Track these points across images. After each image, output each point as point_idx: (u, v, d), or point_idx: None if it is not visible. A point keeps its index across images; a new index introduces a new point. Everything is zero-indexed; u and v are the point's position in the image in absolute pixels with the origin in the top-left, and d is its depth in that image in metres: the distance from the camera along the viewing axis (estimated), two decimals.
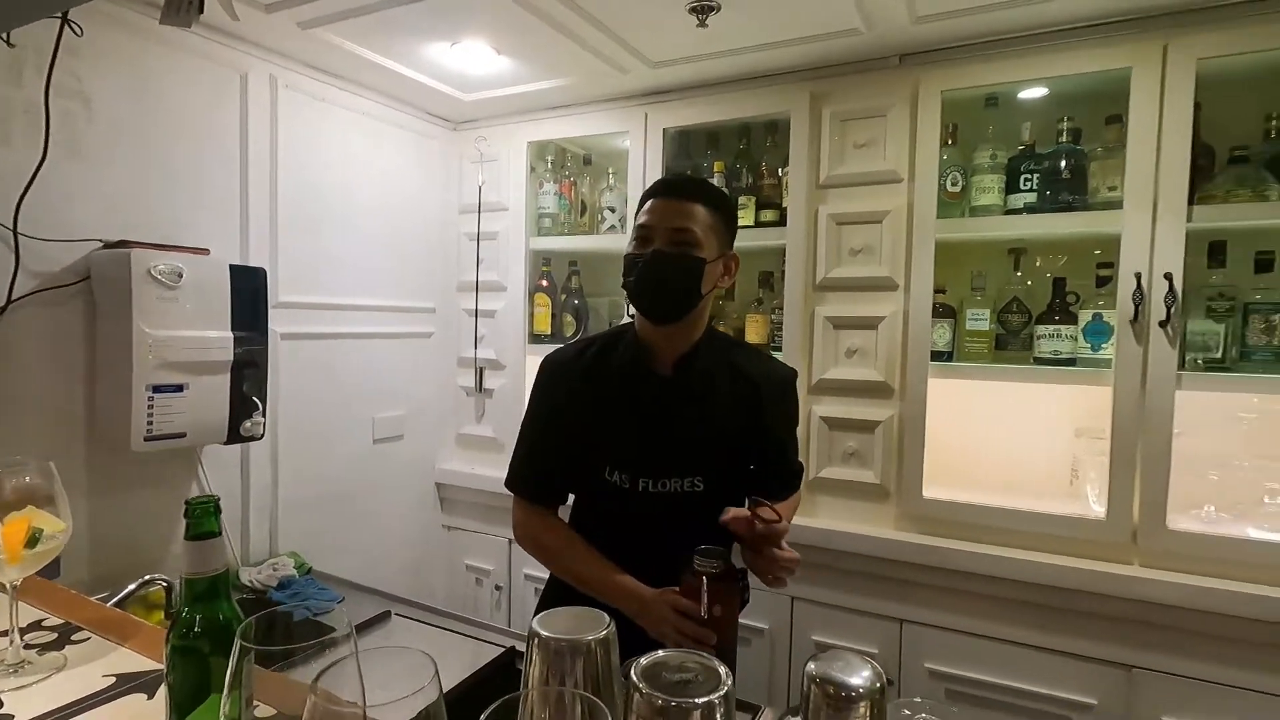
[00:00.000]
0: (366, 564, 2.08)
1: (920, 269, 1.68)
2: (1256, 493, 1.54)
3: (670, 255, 1.11)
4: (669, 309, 1.15)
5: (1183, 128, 1.43)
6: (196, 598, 0.62)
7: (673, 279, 1.12)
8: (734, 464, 1.23)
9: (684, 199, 1.13)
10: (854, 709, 0.49)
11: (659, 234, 1.12)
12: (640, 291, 1.14)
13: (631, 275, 1.14)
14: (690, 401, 1.19)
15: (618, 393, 1.20)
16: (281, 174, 1.79)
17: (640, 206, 1.17)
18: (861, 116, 1.75)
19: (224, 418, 1.50)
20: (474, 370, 2.32)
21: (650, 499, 1.18)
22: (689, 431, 1.18)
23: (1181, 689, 1.45)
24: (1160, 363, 1.47)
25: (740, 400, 1.21)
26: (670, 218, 1.12)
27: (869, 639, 1.74)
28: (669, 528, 1.18)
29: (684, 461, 1.18)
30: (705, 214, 1.13)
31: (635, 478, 1.18)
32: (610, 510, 1.22)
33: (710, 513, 1.16)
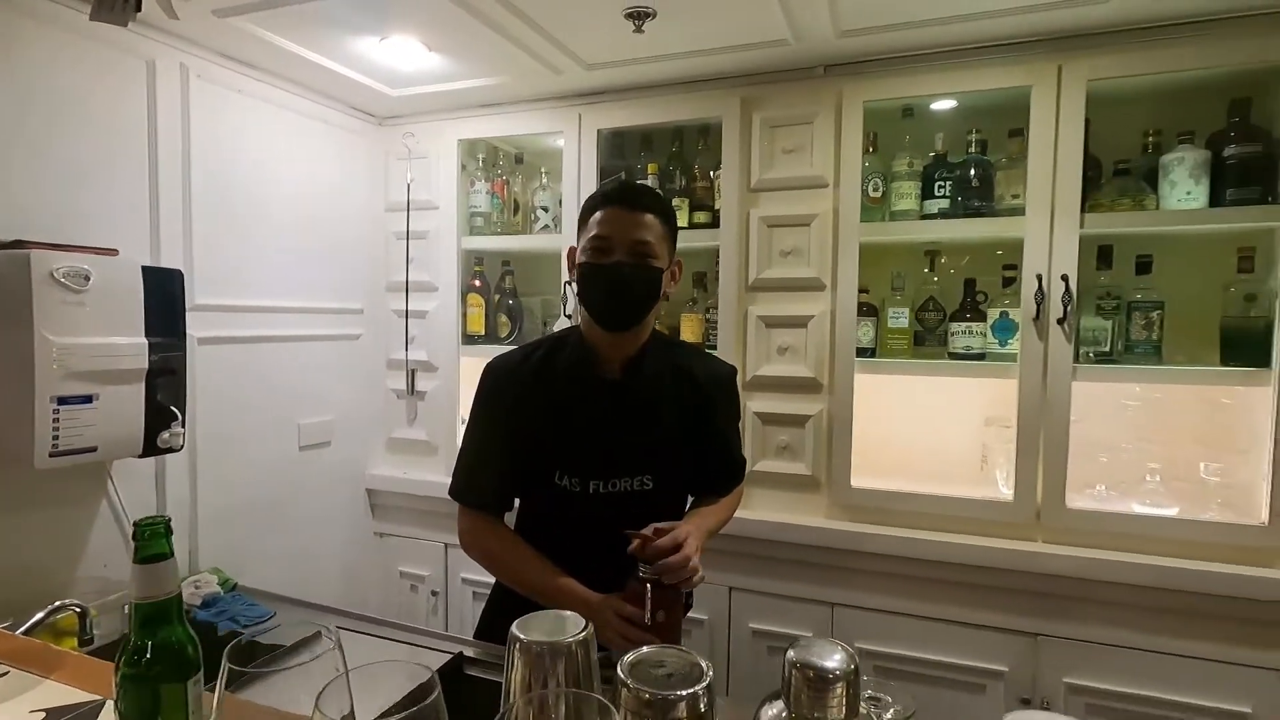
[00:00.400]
0: (295, 575, 2.00)
1: (846, 270, 1.77)
2: (1139, 472, 1.71)
3: (631, 267, 1.14)
4: (627, 318, 1.18)
5: (1075, 142, 1.57)
6: (147, 623, 0.59)
7: (634, 290, 1.15)
8: (681, 462, 1.27)
9: (640, 210, 1.15)
10: (831, 690, 0.53)
11: (618, 245, 1.14)
12: (600, 301, 1.16)
13: (591, 285, 1.16)
14: (639, 404, 1.22)
15: (566, 397, 1.21)
16: (195, 170, 1.69)
17: (591, 212, 1.18)
18: (790, 123, 1.82)
19: (139, 429, 1.41)
20: (405, 372, 2.27)
21: (601, 500, 1.20)
22: (638, 433, 1.21)
23: (1081, 652, 1.60)
24: (1059, 357, 1.61)
25: (686, 400, 1.25)
26: (630, 230, 1.14)
27: (803, 623, 1.82)
28: (620, 527, 1.19)
29: (633, 462, 1.21)
30: (658, 225, 1.17)
31: (586, 480, 1.20)
32: (560, 514, 1.23)
33: (659, 510, 1.20)
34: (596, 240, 1.15)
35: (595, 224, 1.16)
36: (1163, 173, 1.60)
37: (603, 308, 1.17)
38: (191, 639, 0.61)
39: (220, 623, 1.47)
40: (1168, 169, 1.58)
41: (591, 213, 1.17)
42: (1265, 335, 1.52)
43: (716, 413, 1.30)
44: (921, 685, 1.72)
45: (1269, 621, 1.48)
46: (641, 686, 0.46)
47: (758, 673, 1.86)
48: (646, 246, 1.14)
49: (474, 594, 2.19)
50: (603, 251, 1.14)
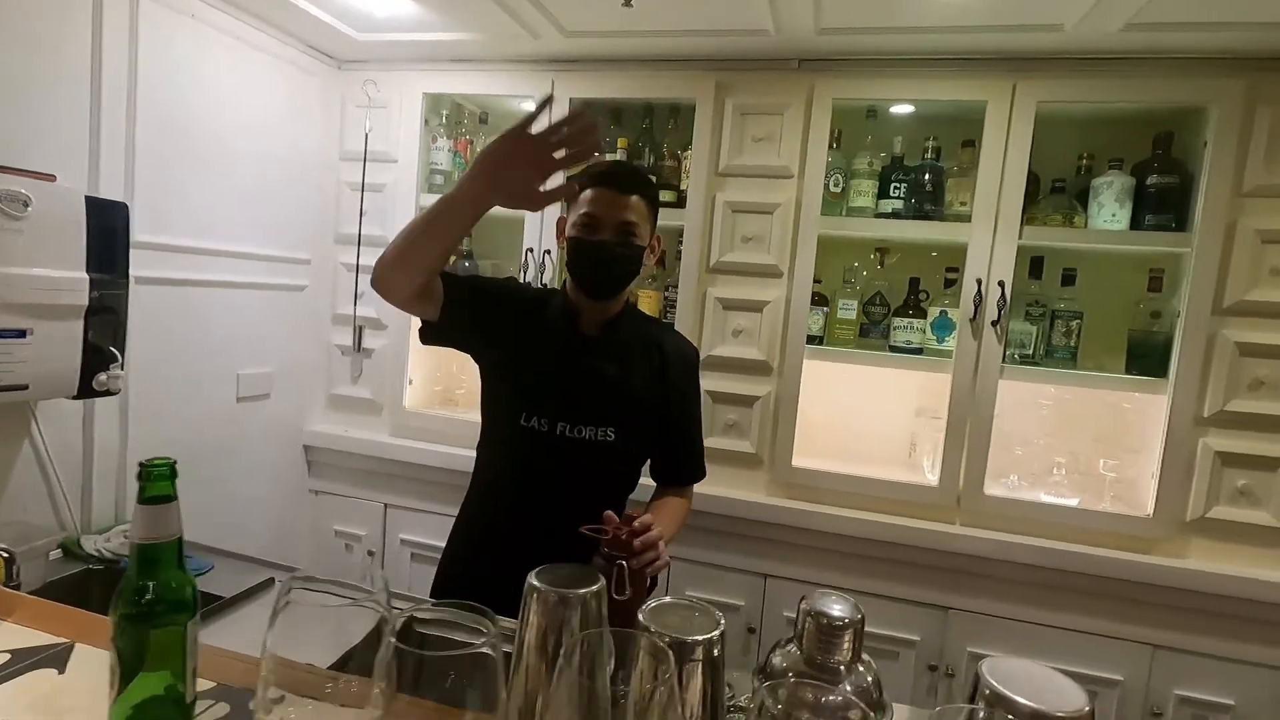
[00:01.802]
0: (226, 529, 1.93)
1: (803, 260, 1.84)
2: (1048, 465, 1.89)
3: (616, 245, 1.23)
4: (609, 289, 1.28)
5: (1022, 157, 1.69)
6: (148, 564, 0.59)
7: (617, 266, 1.25)
8: (641, 422, 1.33)
9: (629, 193, 1.23)
10: (841, 636, 0.59)
11: (607, 225, 1.23)
12: (586, 274, 1.27)
13: (578, 258, 1.26)
14: (610, 359, 1.30)
15: (547, 341, 1.29)
16: (141, 98, 1.58)
17: (584, 188, 1.24)
18: (761, 112, 1.86)
19: (74, 369, 1.33)
20: (352, 328, 2.21)
21: (566, 445, 1.26)
22: (607, 385, 1.29)
23: (987, 625, 1.76)
24: (989, 356, 1.75)
25: (651, 366, 1.34)
26: (617, 211, 1.22)
27: (736, 593, 1.92)
28: (582, 474, 1.28)
29: (600, 411, 1.28)
30: (643, 206, 1.26)
31: (555, 422, 1.25)
32: (527, 459, 1.28)
33: (617, 465, 1.33)
34: (587, 218, 1.23)
35: (587, 201, 1.24)
36: (1093, 194, 1.74)
37: (588, 279, 1.27)
38: (190, 581, 0.61)
39: None
40: (1097, 191, 1.73)
41: (585, 188, 1.24)
42: (1165, 348, 1.70)
43: (679, 386, 1.37)
44: None
45: (1145, 601, 1.67)
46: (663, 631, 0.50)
47: None
48: (631, 227, 1.23)
49: (410, 554, 2.18)
50: (591, 228, 1.23)
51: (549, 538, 1.18)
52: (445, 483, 2.08)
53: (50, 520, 1.51)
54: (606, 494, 1.33)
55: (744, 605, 1.92)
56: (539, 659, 0.52)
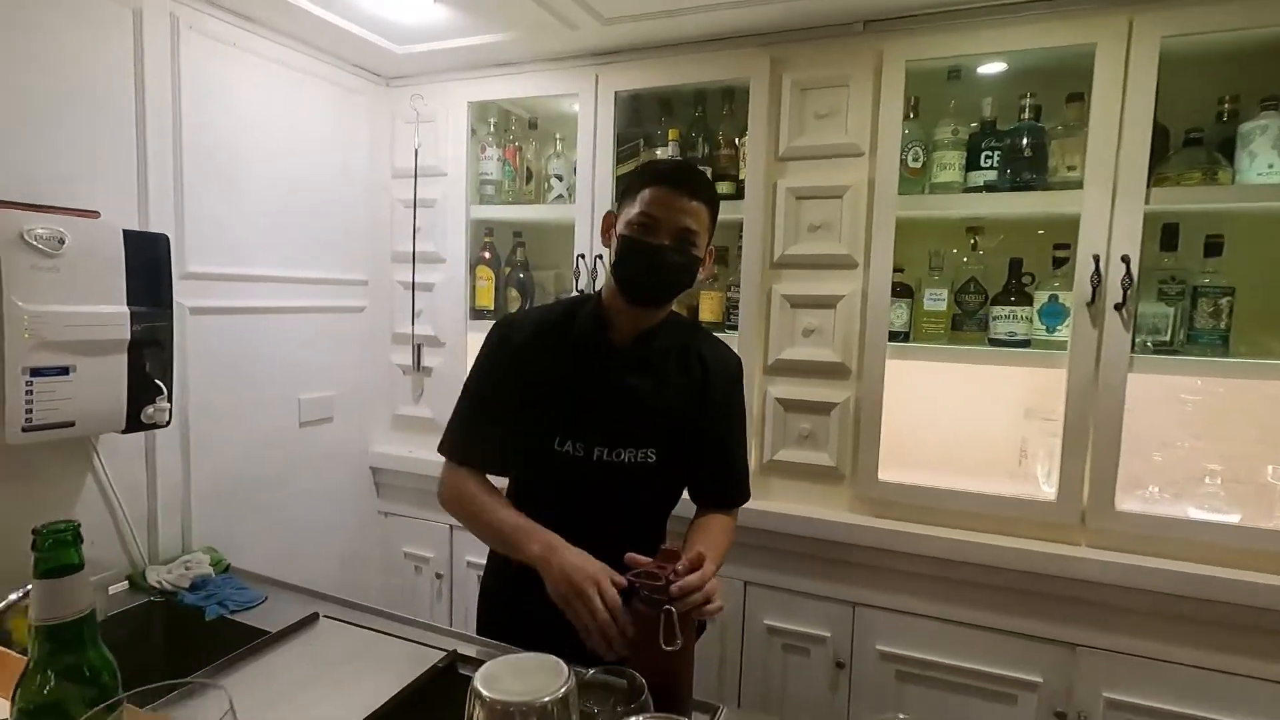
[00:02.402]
0: (293, 556, 1.93)
1: (880, 247, 1.63)
2: (1196, 473, 1.57)
3: (674, 252, 1.12)
4: (657, 298, 1.17)
5: (1144, 107, 1.41)
6: (53, 647, 0.50)
7: (671, 275, 1.14)
8: (684, 440, 1.22)
9: (692, 197, 1.12)
10: None
11: (665, 229, 1.11)
12: (634, 278, 1.15)
13: (629, 260, 1.14)
14: (646, 374, 1.18)
15: (574, 361, 1.17)
16: (187, 129, 1.59)
17: (642, 186, 1.13)
18: (823, 85, 1.67)
19: (121, 403, 1.33)
20: (411, 347, 2.17)
21: (604, 469, 1.16)
22: (645, 402, 1.17)
23: (1122, 666, 1.48)
24: (1114, 345, 1.47)
25: (692, 378, 1.22)
26: (679, 216, 1.11)
27: (822, 622, 1.72)
28: (623, 500, 1.18)
29: (639, 432, 1.17)
30: (705, 214, 1.15)
31: (591, 446, 1.16)
32: (560, 484, 1.18)
33: (662, 487, 1.22)
34: (644, 217, 1.12)
35: (645, 201, 1.12)
36: (1241, 143, 1.43)
37: (636, 284, 1.15)
38: (108, 664, 0.52)
39: (208, 607, 1.40)
40: (1247, 138, 1.42)
41: (643, 187, 1.13)
42: None
43: (720, 401, 1.24)
44: (947, 693, 1.62)
45: None
46: None
47: (770, 670, 1.77)
48: (692, 235, 1.12)
49: (477, 577, 2.11)
50: (648, 229, 1.12)
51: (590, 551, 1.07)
52: None
53: (119, 553, 1.53)
54: (649, 517, 1.22)
55: (830, 636, 1.71)
56: None
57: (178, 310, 1.56)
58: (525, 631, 1.16)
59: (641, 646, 0.99)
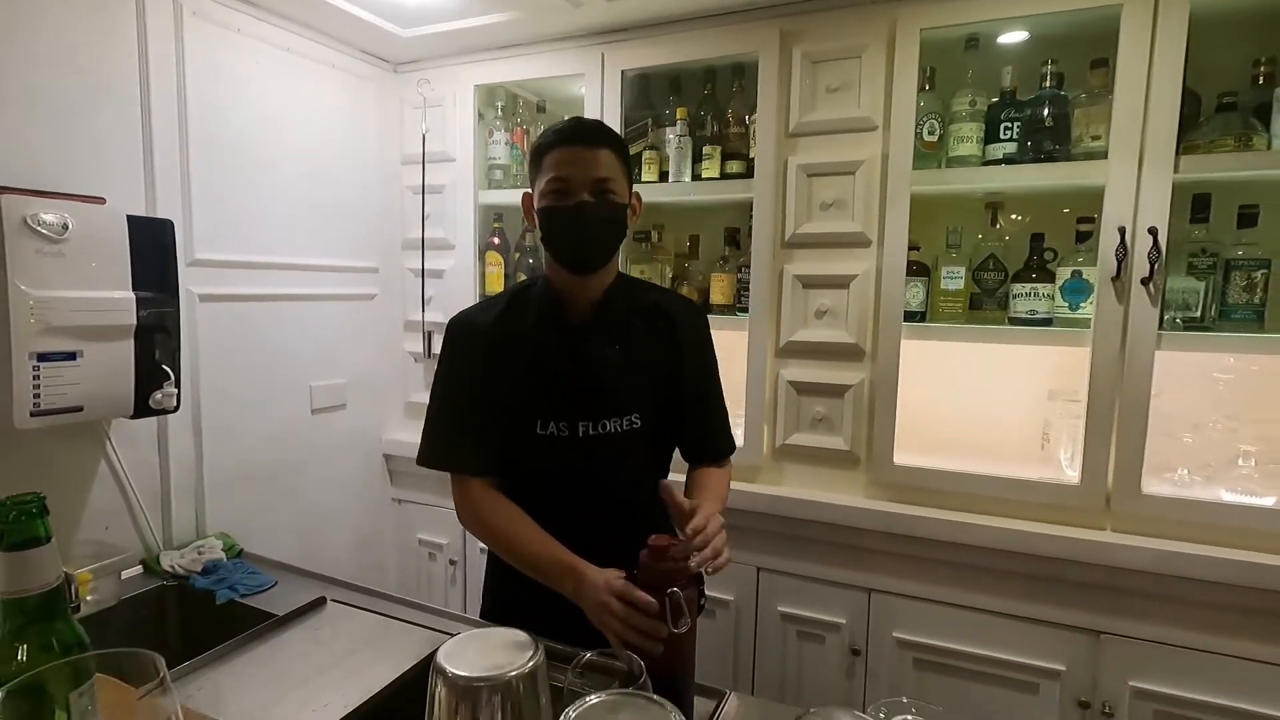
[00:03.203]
0: (307, 543, 1.95)
1: (895, 224, 1.58)
2: (1229, 454, 1.50)
3: (596, 206, 1.08)
4: (595, 259, 1.13)
5: (1173, 71, 1.35)
6: (25, 620, 0.49)
7: (602, 230, 1.11)
8: (664, 400, 1.20)
9: (597, 146, 1.09)
10: None
11: (579, 185, 1.08)
12: (565, 245, 1.12)
13: (554, 229, 1.11)
14: (613, 341, 1.16)
15: (538, 345, 1.15)
16: (193, 116, 1.59)
17: (544, 154, 1.10)
18: (835, 58, 1.62)
19: (129, 388, 1.34)
20: (422, 334, 2.17)
21: (593, 443, 1.15)
22: (619, 370, 1.16)
23: (1149, 653, 1.42)
24: (1141, 322, 1.41)
25: (658, 333, 1.20)
26: (589, 168, 1.08)
27: (836, 609, 1.69)
28: (617, 472, 1.16)
29: (619, 400, 1.16)
30: (615, 160, 1.11)
31: (575, 423, 1.14)
32: (547, 466, 1.16)
33: (651, 450, 1.21)
34: (556, 182, 1.08)
35: (551, 165, 1.09)
36: (1277, 107, 1.36)
37: (569, 251, 1.12)
38: (79, 639, 0.51)
39: (219, 591, 1.41)
40: None
41: (545, 154, 1.10)
42: None
43: (694, 351, 1.23)
44: (967, 682, 1.58)
45: None
46: None
47: (784, 657, 1.74)
48: (608, 183, 1.09)
49: None
50: (563, 194, 1.08)
51: (595, 546, 1.06)
52: None
53: (132, 538, 1.55)
54: (644, 484, 1.18)
55: (846, 623, 1.68)
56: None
57: (187, 297, 1.57)
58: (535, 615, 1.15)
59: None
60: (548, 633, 1.10)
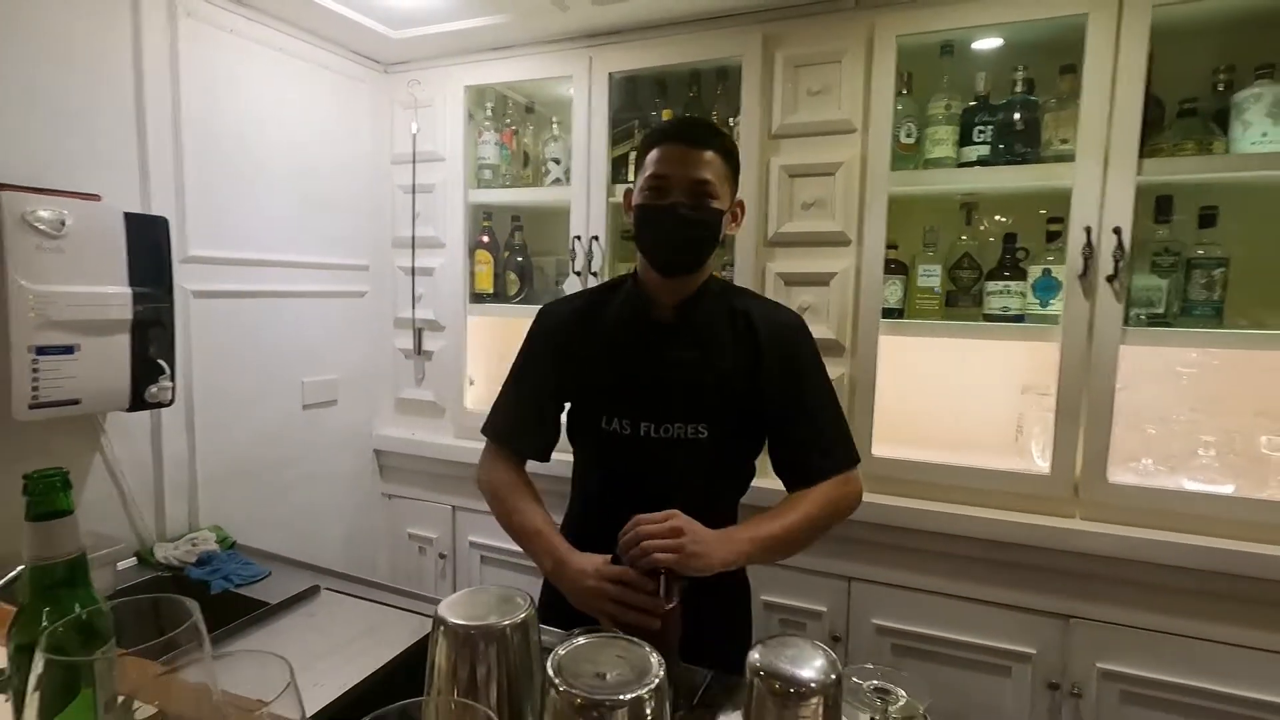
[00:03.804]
0: (299, 536, 1.97)
1: (873, 224, 1.63)
2: (1191, 445, 1.57)
3: (691, 208, 1.07)
4: (684, 261, 1.12)
5: (1136, 76, 1.41)
6: (45, 588, 0.53)
7: (693, 234, 1.08)
8: (738, 413, 1.14)
9: (702, 147, 1.07)
10: (805, 705, 0.43)
11: (678, 185, 1.06)
12: (655, 244, 1.11)
13: (646, 228, 1.10)
14: (692, 346, 1.14)
15: (616, 339, 1.16)
16: (186, 115, 1.62)
17: (648, 150, 1.10)
18: (815, 62, 1.67)
19: (124, 382, 1.37)
20: (412, 331, 2.20)
21: (653, 446, 1.12)
22: (692, 376, 1.12)
23: (1116, 637, 1.48)
24: (1106, 318, 1.47)
25: (742, 344, 1.15)
26: (690, 168, 1.06)
27: (818, 597, 1.74)
28: (676, 478, 1.13)
29: (687, 407, 1.12)
30: (720, 163, 1.09)
31: (637, 422, 1.12)
32: (611, 463, 1.17)
33: (714, 464, 1.15)
34: (654, 180, 1.07)
35: (652, 162, 1.08)
36: (1235, 112, 1.42)
37: (658, 251, 1.11)
38: (99, 604, 0.55)
39: (213, 581, 1.44)
40: (1241, 108, 1.41)
41: (649, 150, 1.10)
42: None
43: (780, 365, 1.14)
44: (942, 666, 1.63)
45: None
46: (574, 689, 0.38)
47: None
48: (706, 186, 1.06)
49: (482, 558, 2.15)
50: (660, 192, 1.07)
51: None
52: None
53: (127, 530, 1.57)
54: (711, 499, 1.16)
55: (826, 611, 1.73)
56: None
57: (180, 293, 1.59)
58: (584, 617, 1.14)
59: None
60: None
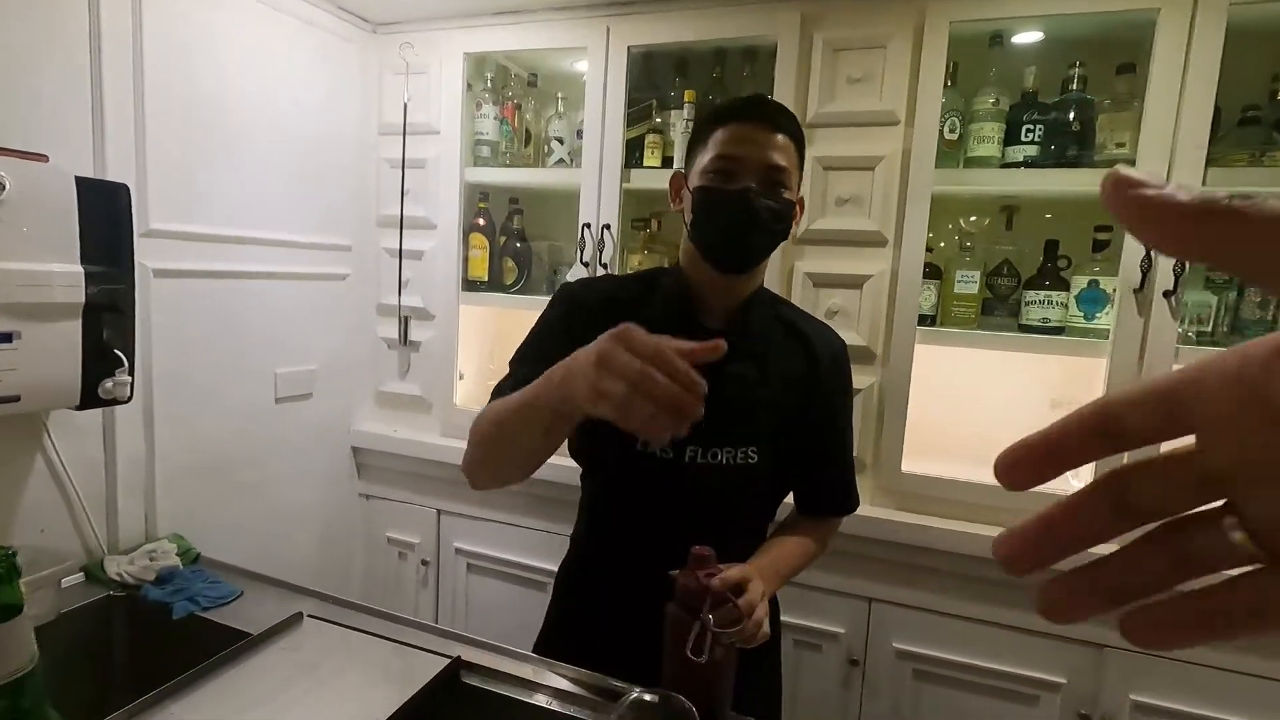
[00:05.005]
0: (268, 543, 1.79)
1: (914, 224, 1.52)
2: None
3: (762, 195, 0.93)
4: (748, 256, 0.97)
5: (1208, 80, 1.32)
6: None
7: (760, 224, 0.93)
8: (788, 435, 1.04)
9: (776, 129, 0.94)
10: None
11: (749, 169, 0.93)
12: (721, 235, 0.95)
13: (709, 214, 0.95)
14: (747, 358, 1.00)
15: None
16: (149, 68, 1.41)
17: (714, 127, 0.95)
18: (858, 46, 1.54)
19: (74, 375, 1.17)
20: (397, 320, 2.02)
21: (699, 474, 0.98)
22: (746, 393, 0.99)
23: (1151, 667, 1.42)
24: (1160, 335, 1.39)
25: (795, 360, 1.04)
26: (765, 150, 0.93)
27: (836, 618, 1.64)
28: (720, 509, 1.01)
29: (740, 429, 0.99)
30: (793, 149, 0.96)
31: (683, 446, 0.97)
32: (647, 492, 1.01)
33: (763, 492, 1.05)
34: (722, 161, 0.93)
35: (720, 142, 0.94)
36: None
37: (721, 243, 0.96)
38: None
39: (176, 604, 1.26)
40: None
41: (714, 128, 0.95)
42: None
43: (829, 389, 1.06)
44: (965, 693, 1.56)
45: None
46: None
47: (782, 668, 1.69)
48: (781, 174, 0.94)
49: (468, 565, 2.00)
50: (728, 175, 0.93)
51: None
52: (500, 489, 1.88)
53: (74, 542, 1.38)
54: (751, 527, 1.06)
55: (844, 634, 1.64)
56: None
57: (140, 272, 1.39)
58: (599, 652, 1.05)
59: (670, 653, 0.89)
60: (608, 666, 1.01)
